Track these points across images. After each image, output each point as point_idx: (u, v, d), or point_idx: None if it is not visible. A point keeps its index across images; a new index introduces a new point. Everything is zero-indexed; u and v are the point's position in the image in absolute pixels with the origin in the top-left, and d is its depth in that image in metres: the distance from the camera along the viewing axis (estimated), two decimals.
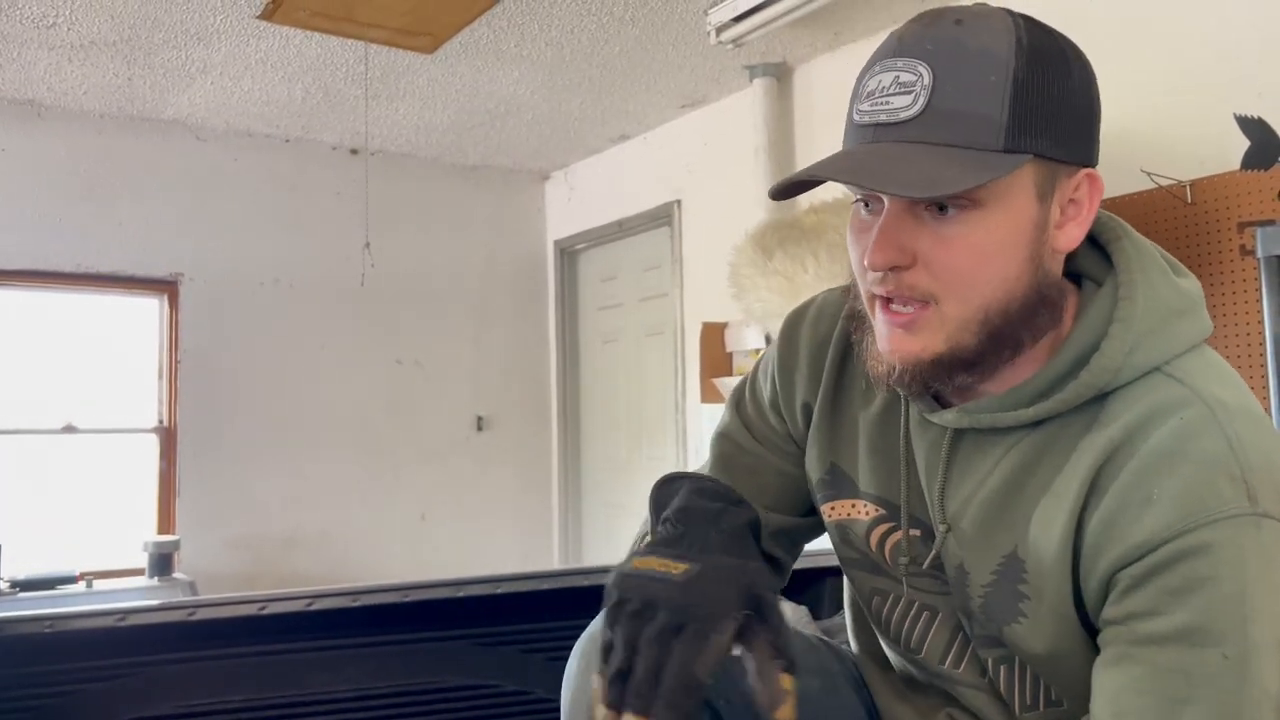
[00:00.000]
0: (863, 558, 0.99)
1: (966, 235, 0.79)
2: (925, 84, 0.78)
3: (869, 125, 0.81)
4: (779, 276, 3.11)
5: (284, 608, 1.47)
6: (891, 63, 0.80)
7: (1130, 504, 0.77)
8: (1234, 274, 2.47)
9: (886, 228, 0.80)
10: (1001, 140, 0.77)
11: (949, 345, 0.82)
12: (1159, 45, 2.68)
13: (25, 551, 3.78)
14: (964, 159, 0.77)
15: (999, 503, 0.85)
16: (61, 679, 1.37)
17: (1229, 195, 2.49)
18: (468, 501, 4.95)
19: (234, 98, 4.08)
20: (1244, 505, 0.74)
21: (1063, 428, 0.83)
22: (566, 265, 5.22)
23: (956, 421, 0.87)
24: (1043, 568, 0.82)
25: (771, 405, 1.07)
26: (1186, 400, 0.79)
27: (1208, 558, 0.73)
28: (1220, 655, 0.73)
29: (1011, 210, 0.80)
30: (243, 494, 4.41)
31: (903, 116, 0.79)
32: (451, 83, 3.96)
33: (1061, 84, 0.80)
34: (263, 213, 4.56)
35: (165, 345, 4.37)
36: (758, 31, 3.30)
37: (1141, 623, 0.76)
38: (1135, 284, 0.84)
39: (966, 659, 0.93)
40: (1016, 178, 0.79)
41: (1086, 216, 0.84)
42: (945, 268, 0.80)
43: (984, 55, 0.78)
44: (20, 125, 4.07)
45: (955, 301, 0.81)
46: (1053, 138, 0.79)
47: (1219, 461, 0.75)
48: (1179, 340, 0.83)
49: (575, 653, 0.99)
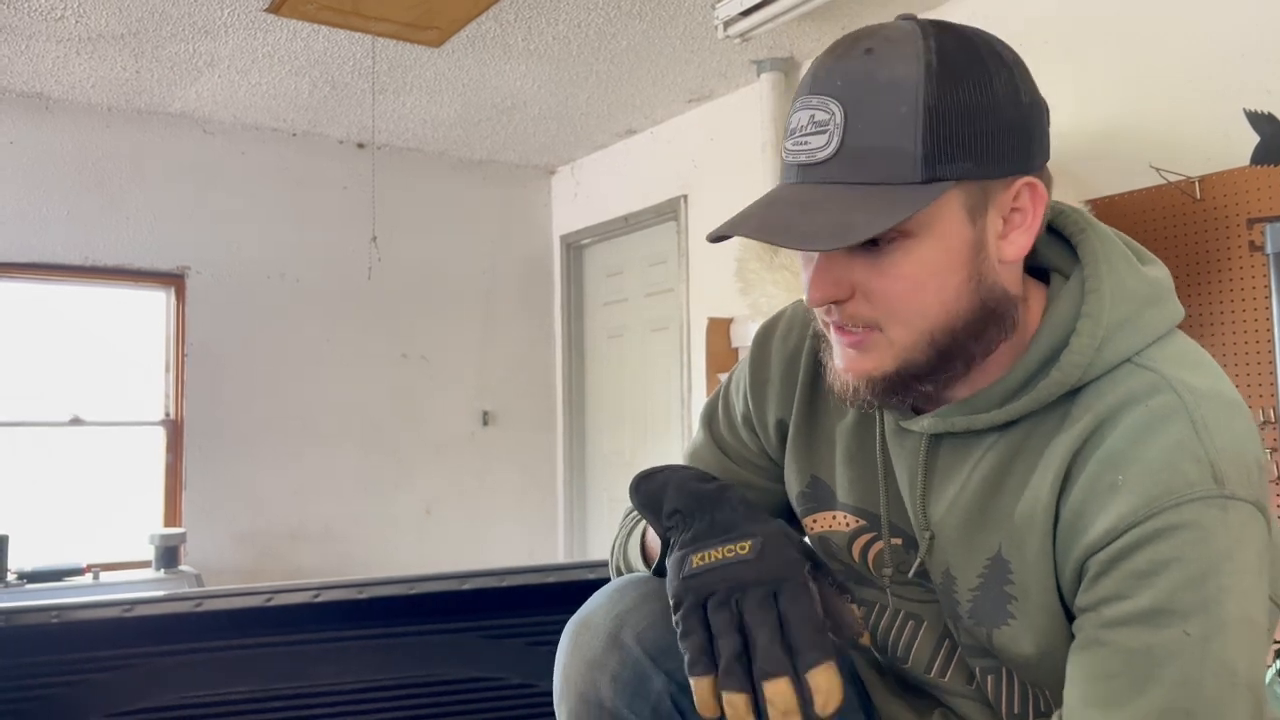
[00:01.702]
0: (846, 568, 0.99)
1: (899, 265, 0.79)
2: (838, 122, 0.78)
3: (793, 165, 0.82)
4: (785, 272, 3.11)
5: (291, 599, 1.47)
6: (807, 100, 0.80)
7: (1098, 491, 0.77)
8: (1243, 270, 2.46)
9: (820, 265, 0.81)
10: (919, 172, 0.76)
11: (899, 364, 0.82)
12: (1168, 42, 2.67)
13: (33, 543, 3.80)
14: (881, 197, 0.76)
15: (980, 505, 0.85)
16: (69, 669, 1.37)
17: (1238, 191, 2.48)
18: (473, 496, 4.96)
19: (241, 91, 4.09)
20: (1210, 487, 0.74)
21: (1036, 425, 0.83)
22: (572, 260, 5.22)
23: (932, 427, 0.87)
24: (1026, 565, 0.82)
25: (744, 421, 1.06)
26: (1155, 387, 0.79)
27: (1172, 539, 0.74)
28: (1182, 633, 0.73)
29: (942, 236, 0.79)
30: (249, 487, 4.42)
31: (820, 157, 0.79)
32: (458, 77, 3.96)
33: (980, 99, 0.77)
34: (270, 206, 4.56)
35: (172, 338, 4.38)
36: (765, 26, 3.30)
37: (1109, 607, 0.76)
38: (1101, 276, 0.84)
39: (953, 667, 0.93)
40: (942, 205, 0.78)
41: (1032, 224, 0.82)
42: (883, 297, 0.80)
43: (892, 87, 0.77)
44: (28, 118, 4.08)
45: (899, 327, 0.81)
46: (975, 158, 0.77)
47: (1184, 445, 0.75)
48: (1149, 330, 0.83)
49: (565, 635, 1.00)
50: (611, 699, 0.94)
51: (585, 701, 0.95)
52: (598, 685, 0.94)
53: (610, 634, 0.95)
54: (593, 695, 0.94)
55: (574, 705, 0.96)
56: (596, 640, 0.96)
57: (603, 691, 0.94)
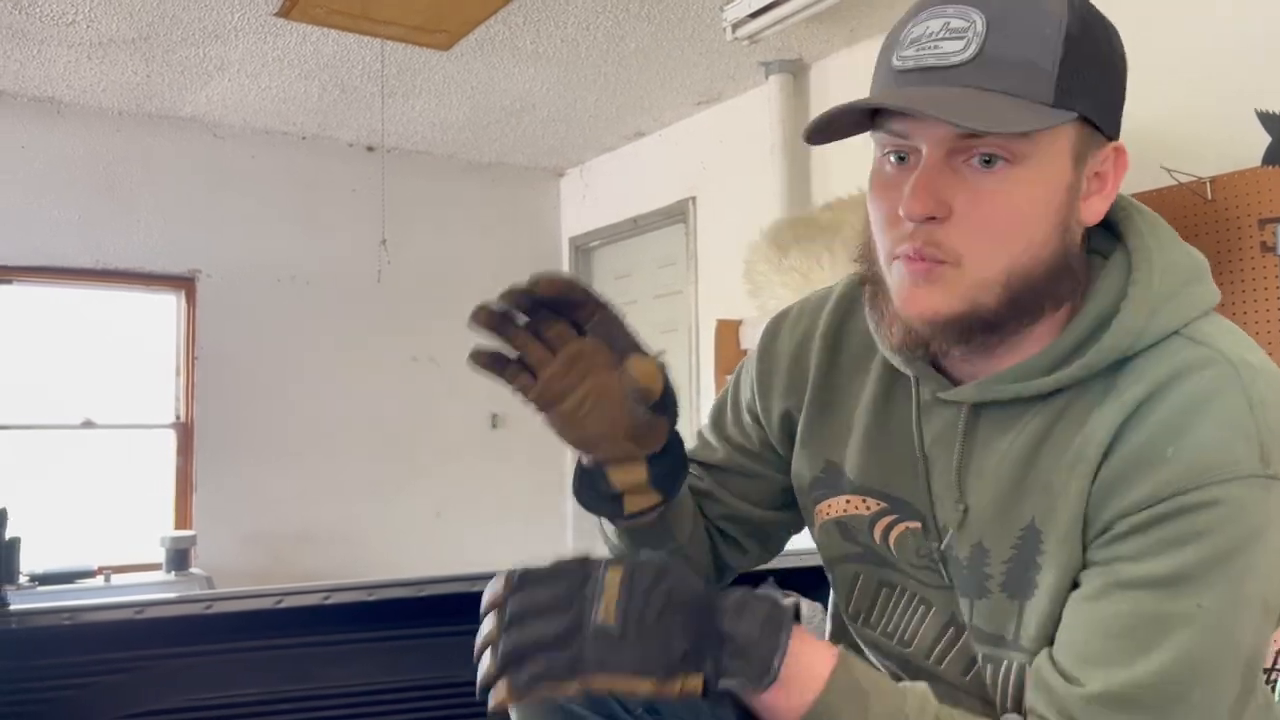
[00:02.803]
0: (866, 551, 0.97)
1: (1005, 192, 0.78)
2: (979, 30, 0.77)
3: (914, 70, 0.79)
4: (794, 273, 3.11)
5: (301, 601, 1.47)
6: (941, 9, 0.79)
7: (1147, 459, 0.77)
8: (1255, 271, 2.45)
9: (926, 175, 0.78)
10: (1051, 94, 0.76)
11: (968, 305, 0.80)
12: (1179, 41, 2.66)
13: (44, 546, 3.81)
14: (1017, 106, 0.76)
15: (1018, 475, 0.84)
16: (80, 670, 1.38)
17: (1250, 191, 2.47)
18: (482, 498, 4.96)
19: (251, 95, 4.10)
20: (1256, 466, 0.74)
21: (1078, 396, 0.82)
22: (581, 262, 5.22)
23: (976, 395, 0.86)
24: (1058, 535, 0.81)
25: (749, 411, 1.06)
26: (1211, 360, 0.78)
27: (1208, 513, 0.74)
28: (1196, 604, 0.73)
29: (1048, 171, 0.79)
30: (259, 490, 4.43)
31: (953, 60, 0.77)
32: (467, 80, 3.96)
33: (1109, 50, 0.80)
34: (280, 210, 4.58)
35: (183, 341, 4.40)
36: (773, 28, 3.29)
37: (1127, 566, 0.76)
38: (1150, 249, 0.84)
39: (951, 656, 0.92)
40: (1058, 136, 0.78)
41: (1110, 191, 0.84)
42: (979, 223, 0.78)
43: (1038, 7, 0.78)
44: (40, 123, 4.10)
45: (980, 262, 0.79)
46: (1095, 100, 0.79)
47: (1237, 421, 0.75)
48: (1195, 304, 0.82)
49: None
50: None
51: None
52: None
53: None
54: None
55: None
56: None
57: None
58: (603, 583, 0.72)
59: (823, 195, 3.61)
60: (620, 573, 0.73)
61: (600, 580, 0.73)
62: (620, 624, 0.71)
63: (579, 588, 0.73)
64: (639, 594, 0.72)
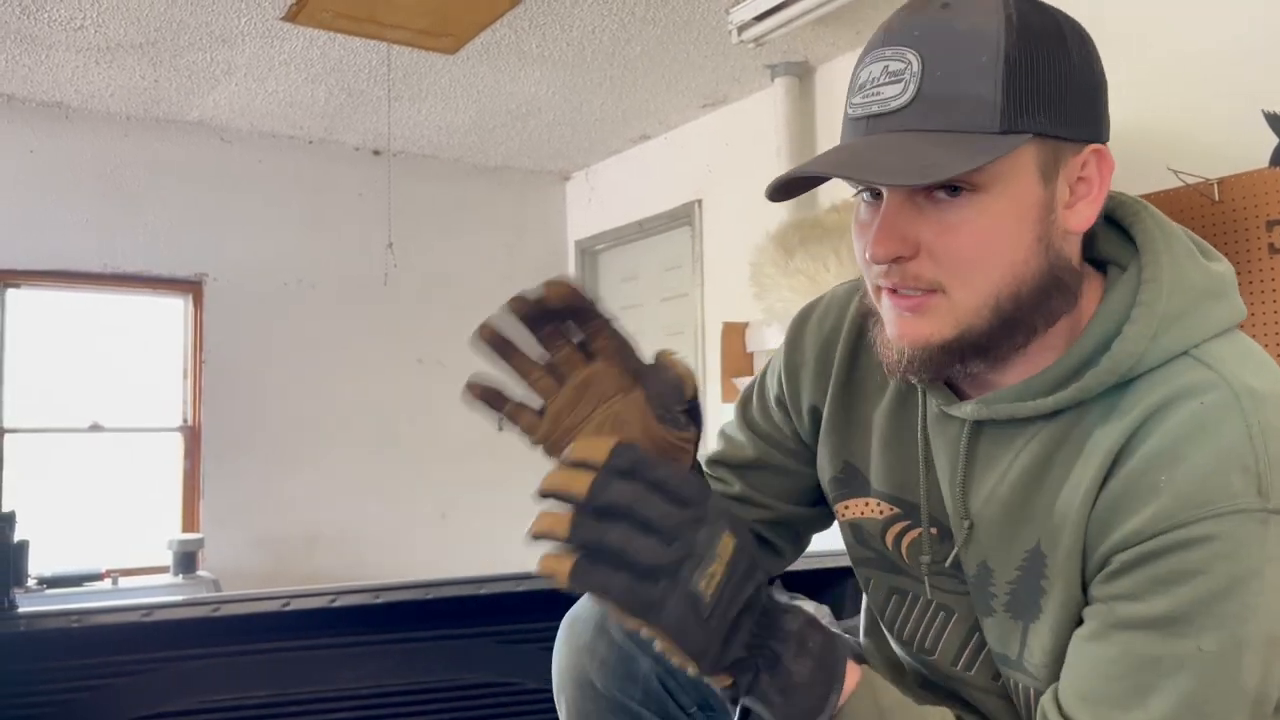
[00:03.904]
0: (879, 556, 0.97)
1: (970, 221, 0.77)
2: (915, 71, 0.76)
3: (862, 118, 0.79)
4: (801, 276, 3.11)
5: (307, 604, 1.48)
6: (880, 53, 0.79)
7: (1139, 489, 0.75)
8: (1263, 272, 2.44)
9: (887, 219, 0.78)
10: (997, 121, 0.75)
11: (959, 331, 0.79)
12: (1186, 42, 2.65)
13: (53, 549, 3.82)
14: (959, 143, 0.74)
15: (1020, 497, 0.83)
16: (88, 673, 1.38)
17: (1257, 193, 2.46)
18: (488, 500, 4.96)
19: (258, 99, 4.11)
20: (1253, 500, 0.71)
21: (1081, 416, 0.80)
22: (587, 265, 5.23)
23: (975, 413, 0.85)
24: (1059, 561, 0.80)
25: (778, 403, 1.06)
26: (1211, 384, 0.75)
27: (1202, 550, 0.71)
28: (1195, 647, 0.71)
29: (1014, 192, 0.77)
30: (266, 493, 4.44)
31: (894, 105, 0.76)
32: (473, 83, 3.97)
33: (1058, 61, 0.77)
34: (286, 213, 4.59)
35: (190, 345, 4.41)
36: (779, 30, 3.30)
37: (1124, 605, 0.74)
38: (1160, 265, 0.81)
39: (980, 662, 0.91)
40: (1017, 158, 0.76)
41: (1098, 195, 0.81)
42: (950, 255, 0.77)
43: (973, 36, 0.76)
44: (48, 127, 4.12)
45: (963, 289, 0.78)
46: (1052, 115, 0.76)
47: (1234, 451, 0.72)
48: (1209, 323, 0.80)
49: (559, 631, 1.04)
50: (604, 683, 0.99)
51: (580, 687, 1.00)
52: (589, 672, 1.00)
53: (597, 624, 1.01)
54: (586, 681, 1.00)
55: (571, 694, 1.01)
56: (585, 631, 1.02)
57: (594, 677, 1.00)
58: (716, 547, 0.70)
59: (829, 197, 3.61)
60: (732, 545, 0.70)
61: (715, 541, 0.70)
62: (712, 605, 0.69)
63: (691, 529, 0.70)
64: (735, 581, 0.70)
